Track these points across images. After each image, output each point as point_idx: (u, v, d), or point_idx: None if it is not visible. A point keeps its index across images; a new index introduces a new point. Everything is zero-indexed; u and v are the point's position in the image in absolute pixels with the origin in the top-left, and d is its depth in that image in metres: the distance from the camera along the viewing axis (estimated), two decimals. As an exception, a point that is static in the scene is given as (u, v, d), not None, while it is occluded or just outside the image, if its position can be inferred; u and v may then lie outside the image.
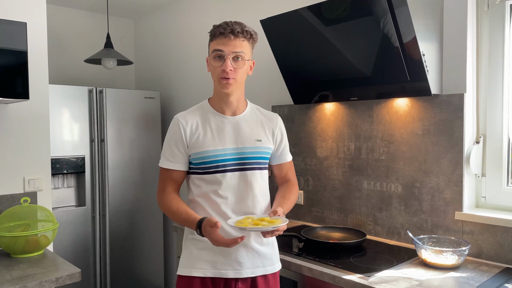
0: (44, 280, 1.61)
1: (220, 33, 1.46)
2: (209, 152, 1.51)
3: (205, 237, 1.41)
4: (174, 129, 1.55)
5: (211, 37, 1.51)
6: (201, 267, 1.51)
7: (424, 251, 1.72)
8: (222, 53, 1.46)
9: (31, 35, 2.16)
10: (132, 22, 4.00)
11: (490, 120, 1.87)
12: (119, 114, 3.11)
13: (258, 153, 1.56)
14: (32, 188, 2.21)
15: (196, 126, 1.54)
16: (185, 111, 1.60)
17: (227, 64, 1.45)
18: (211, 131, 1.53)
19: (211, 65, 1.50)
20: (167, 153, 1.55)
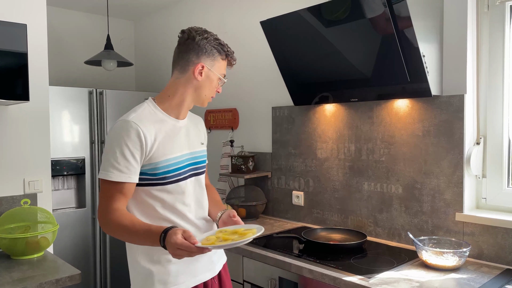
0: (44, 282, 1.61)
1: (231, 59, 1.49)
2: (171, 160, 1.38)
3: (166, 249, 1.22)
4: (131, 136, 1.30)
5: (222, 53, 1.44)
6: (183, 281, 1.39)
7: (424, 252, 1.71)
8: (224, 80, 1.49)
9: (31, 36, 2.16)
10: (132, 23, 4.00)
11: (490, 121, 1.87)
12: (119, 115, 3.07)
13: (204, 156, 1.55)
14: (32, 189, 2.21)
15: (155, 132, 1.36)
16: (136, 114, 1.36)
17: (220, 89, 1.50)
18: (168, 137, 1.39)
19: (213, 84, 1.45)
20: (120, 164, 1.29)
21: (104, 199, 1.32)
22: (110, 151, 1.31)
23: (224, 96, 3.04)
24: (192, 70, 1.41)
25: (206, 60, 1.41)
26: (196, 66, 1.40)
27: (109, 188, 1.31)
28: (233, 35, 2.95)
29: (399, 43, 1.75)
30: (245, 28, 2.85)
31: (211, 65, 1.42)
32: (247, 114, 2.89)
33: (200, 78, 1.41)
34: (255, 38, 2.75)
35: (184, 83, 1.43)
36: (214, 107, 3.12)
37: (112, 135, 1.33)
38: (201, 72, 1.41)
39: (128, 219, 1.29)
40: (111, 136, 1.34)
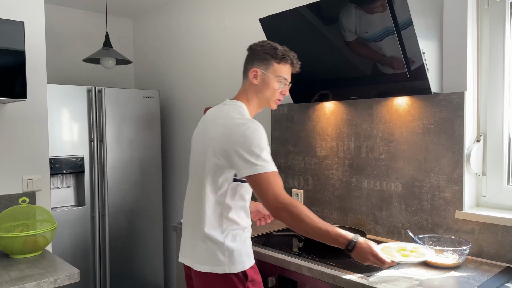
0: (43, 280, 1.60)
1: (292, 63, 1.63)
2: None
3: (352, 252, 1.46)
4: (265, 136, 1.50)
5: (277, 58, 1.59)
6: (252, 254, 1.61)
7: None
8: (286, 81, 1.65)
9: (29, 34, 2.15)
10: (131, 21, 3.99)
11: (490, 118, 1.86)
12: (118, 114, 3.10)
13: None
14: (31, 188, 2.20)
15: None
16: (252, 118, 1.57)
17: (287, 91, 1.67)
18: None
19: (271, 86, 1.61)
20: (270, 158, 1.47)
21: (279, 186, 1.44)
22: (263, 148, 1.47)
23: (223, 93, 3.03)
24: (249, 76, 1.62)
25: (259, 65, 1.60)
26: (250, 72, 1.61)
27: (277, 179, 1.46)
28: (232, 32, 2.94)
29: (399, 40, 1.74)
30: (244, 26, 2.84)
31: (265, 69, 1.60)
32: (247, 112, 2.87)
33: (255, 81, 1.61)
34: (254, 35, 2.73)
35: (249, 88, 1.64)
36: (215, 104, 3.10)
37: (259, 135, 1.48)
38: (255, 76, 1.60)
39: (311, 212, 1.46)
40: (258, 136, 1.47)
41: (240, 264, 1.52)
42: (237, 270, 1.52)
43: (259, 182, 1.44)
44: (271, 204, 1.43)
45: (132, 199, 3.19)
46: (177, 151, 3.51)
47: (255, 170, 1.43)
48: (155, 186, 3.32)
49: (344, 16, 1.86)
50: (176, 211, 3.55)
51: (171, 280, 3.57)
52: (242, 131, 1.48)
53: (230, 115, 1.56)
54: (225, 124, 1.54)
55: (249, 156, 1.44)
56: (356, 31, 1.85)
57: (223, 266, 1.51)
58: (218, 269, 1.51)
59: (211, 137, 1.55)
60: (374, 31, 1.80)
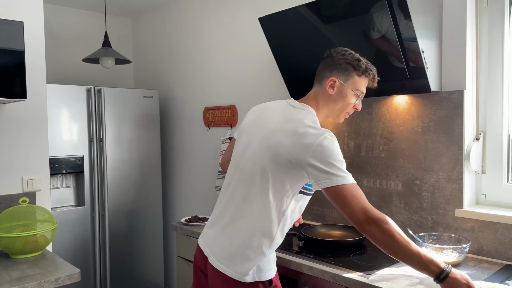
0: (43, 280, 1.60)
1: (370, 76, 1.53)
2: None
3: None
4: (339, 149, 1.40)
5: (360, 71, 1.50)
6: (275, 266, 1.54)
7: (424, 248, 1.71)
8: (362, 96, 1.54)
9: (28, 34, 2.14)
10: (130, 21, 3.99)
11: (490, 116, 1.86)
12: (118, 114, 3.10)
13: None
14: (31, 188, 2.20)
15: None
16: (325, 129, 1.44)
17: (360, 105, 1.56)
18: None
19: (347, 99, 1.51)
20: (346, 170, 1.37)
21: (363, 200, 1.35)
22: (338, 160, 1.36)
23: (223, 93, 3.03)
24: (325, 84, 1.51)
25: (339, 75, 1.49)
26: (328, 80, 1.50)
27: (360, 191, 1.37)
28: (231, 32, 2.94)
29: (398, 39, 1.74)
30: (243, 25, 2.84)
31: (344, 80, 1.50)
32: (246, 111, 2.87)
33: (332, 92, 1.50)
34: (253, 35, 2.74)
35: (320, 96, 1.53)
36: (213, 104, 3.11)
37: (334, 146, 1.37)
38: (333, 86, 1.50)
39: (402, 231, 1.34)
40: (333, 148, 1.36)
41: (268, 272, 1.47)
42: (265, 278, 1.45)
43: (342, 194, 1.34)
44: (359, 218, 1.33)
45: (132, 199, 3.19)
46: (177, 151, 3.51)
47: (335, 181, 1.33)
48: (154, 186, 3.33)
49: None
50: (176, 210, 3.55)
51: (172, 279, 3.57)
52: (319, 141, 1.36)
53: (302, 121, 1.43)
54: (295, 131, 1.41)
55: (328, 167, 1.34)
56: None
57: (253, 273, 1.44)
58: (248, 277, 1.44)
59: (276, 142, 1.42)
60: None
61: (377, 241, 1.33)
